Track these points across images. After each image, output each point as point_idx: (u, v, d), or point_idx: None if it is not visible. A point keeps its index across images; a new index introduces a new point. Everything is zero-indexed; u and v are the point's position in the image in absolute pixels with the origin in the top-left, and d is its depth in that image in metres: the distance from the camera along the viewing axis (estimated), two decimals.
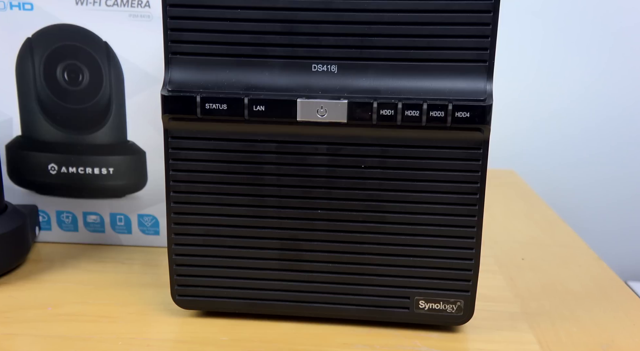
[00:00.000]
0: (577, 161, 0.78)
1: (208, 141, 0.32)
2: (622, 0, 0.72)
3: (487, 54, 0.30)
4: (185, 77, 0.31)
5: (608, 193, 0.78)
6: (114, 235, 0.46)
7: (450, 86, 0.31)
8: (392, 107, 0.30)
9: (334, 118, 0.31)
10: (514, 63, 0.75)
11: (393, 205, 0.32)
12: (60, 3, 0.41)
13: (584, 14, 0.73)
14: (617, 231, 0.79)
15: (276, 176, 0.32)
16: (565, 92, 0.76)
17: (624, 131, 0.77)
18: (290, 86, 0.31)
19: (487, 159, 0.31)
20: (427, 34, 0.30)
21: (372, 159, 0.32)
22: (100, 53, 0.42)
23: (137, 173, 0.44)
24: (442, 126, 0.30)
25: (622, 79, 0.75)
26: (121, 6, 0.41)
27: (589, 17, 0.73)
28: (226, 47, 0.31)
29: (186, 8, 0.31)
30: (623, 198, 0.78)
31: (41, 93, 0.43)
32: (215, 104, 0.31)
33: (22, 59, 0.42)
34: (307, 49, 0.31)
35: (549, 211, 0.59)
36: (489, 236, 0.50)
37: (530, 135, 0.78)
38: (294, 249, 0.33)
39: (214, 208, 0.33)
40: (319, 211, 0.32)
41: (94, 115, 0.43)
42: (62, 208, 0.45)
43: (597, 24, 0.74)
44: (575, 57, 0.75)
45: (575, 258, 0.47)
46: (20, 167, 0.45)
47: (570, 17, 0.74)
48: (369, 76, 0.31)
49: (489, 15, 0.30)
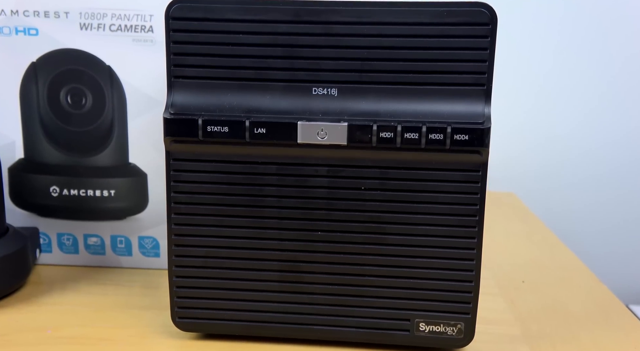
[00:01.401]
0: (576, 183, 0.78)
1: (209, 163, 0.32)
2: (624, 26, 0.73)
3: (485, 78, 0.31)
4: (187, 101, 0.32)
5: (608, 216, 0.78)
6: (115, 257, 0.46)
7: (449, 109, 0.31)
8: (391, 130, 0.31)
9: (334, 140, 0.31)
10: (514, 86, 0.76)
11: (393, 227, 0.32)
12: (65, 28, 0.42)
13: (585, 38, 0.74)
14: (617, 254, 0.79)
15: (277, 198, 0.32)
16: (565, 116, 0.77)
17: (624, 154, 0.77)
18: (291, 109, 0.31)
19: (486, 181, 0.32)
20: (425, 58, 0.31)
21: (372, 181, 0.32)
22: (104, 77, 0.42)
23: (139, 195, 0.44)
24: (441, 148, 0.31)
25: (623, 102, 0.76)
26: (125, 31, 0.41)
27: (590, 40, 0.74)
28: (228, 71, 0.32)
29: (189, 33, 0.31)
30: (623, 221, 0.78)
31: (44, 116, 0.43)
32: (216, 126, 0.31)
33: (26, 83, 0.43)
34: (307, 72, 0.31)
35: (548, 234, 0.59)
36: (489, 258, 0.50)
37: (530, 158, 0.78)
38: (294, 271, 0.33)
39: (214, 230, 0.33)
40: (319, 233, 0.33)
41: (96, 138, 0.43)
42: (63, 230, 0.45)
43: (597, 48, 0.75)
44: (575, 80, 0.76)
45: (575, 280, 0.47)
46: (22, 189, 0.45)
47: (571, 40, 0.75)
48: (368, 99, 0.31)
49: (487, 40, 0.30)
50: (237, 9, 0.31)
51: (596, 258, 0.75)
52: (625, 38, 0.74)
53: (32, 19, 0.42)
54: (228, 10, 0.31)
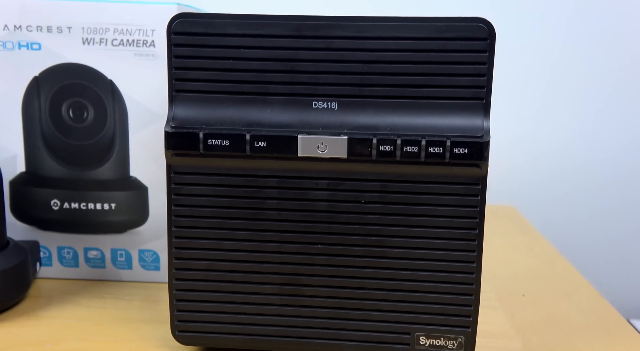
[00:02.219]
0: (575, 196, 0.78)
1: (210, 177, 0.32)
2: (622, 40, 0.74)
3: (484, 92, 0.31)
4: (188, 114, 0.32)
5: (607, 229, 0.79)
6: (115, 271, 0.46)
7: (448, 122, 0.31)
8: (391, 144, 0.31)
9: (334, 154, 0.31)
10: (514, 100, 0.76)
11: (393, 240, 0.32)
12: (68, 43, 0.42)
13: (583, 51, 0.75)
14: (616, 268, 0.79)
15: (277, 211, 0.33)
16: (564, 129, 0.77)
17: (623, 166, 0.77)
18: (291, 123, 0.32)
19: (486, 194, 0.32)
20: (425, 72, 0.31)
21: (371, 194, 0.32)
22: (106, 91, 0.43)
23: (139, 208, 0.44)
24: (440, 161, 0.31)
25: (621, 115, 0.76)
26: (127, 46, 0.42)
27: (588, 53, 0.75)
28: (229, 85, 0.32)
29: (190, 47, 0.32)
30: (622, 234, 0.78)
31: (46, 130, 0.43)
32: (217, 140, 0.31)
33: (28, 97, 0.43)
34: (307, 86, 0.31)
35: (548, 247, 0.59)
36: (489, 271, 0.50)
37: (529, 171, 0.78)
38: (294, 284, 0.33)
39: (215, 243, 0.33)
40: (319, 246, 0.33)
41: (97, 151, 0.43)
42: (64, 243, 0.46)
43: (595, 60, 0.75)
44: (574, 93, 0.76)
45: (576, 293, 0.47)
46: (23, 203, 0.45)
47: (569, 53, 0.75)
48: (368, 112, 0.31)
49: (485, 54, 0.31)
50: (238, 24, 0.31)
51: (595, 271, 0.75)
52: (624, 51, 0.75)
53: (35, 34, 0.42)
54: (229, 25, 0.31)
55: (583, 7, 0.74)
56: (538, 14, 0.74)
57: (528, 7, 0.74)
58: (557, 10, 0.74)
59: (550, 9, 0.74)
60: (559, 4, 0.74)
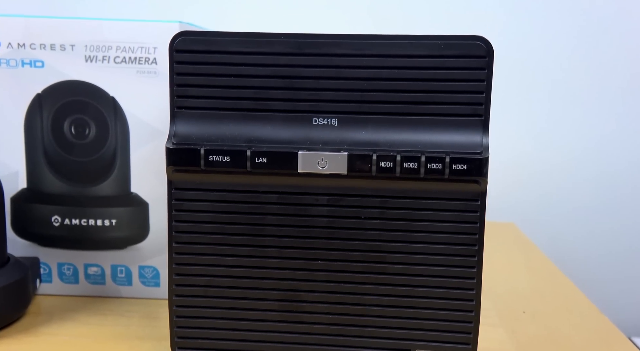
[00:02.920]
0: (576, 213, 0.78)
1: (211, 192, 0.33)
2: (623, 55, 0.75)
3: (483, 108, 0.31)
4: (189, 131, 0.32)
5: (608, 246, 0.78)
6: (114, 287, 0.46)
7: (447, 139, 0.31)
8: (391, 160, 0.31)
9: (334, 170, 0.31)
10: (514, 117, 0.77)
11: (393, 256, 0.32)
12: (71, 60, 0.43)
13: (585, 69, 0.75)
14: (617, 285, 0.78)
15: (277, 227, 0.33)
16: (565, 146, 0.77)
17: (624, 183, 0.77)
18: (291, 139, 0.32)
19: (485, 210, 0.32)
20: (424, 89, 0.31)
21: (371, 210, 0.32)
22: (108, 108, 0.43)
23: (140, 224, 0.44)
24: (440, 177, 0.31)
25: (622, 132, 0.76)
26: (129, 63, 0.42)
27: (589, 72, 0.75)
28: (230, 102, 0.32)
29: (192, 65, 0.32)
30: (624, 251, 0.78)
31: (48, 146, 0.44)
32: (218, 156, 0.32)
33: (31, 113, 0.43)
34: (308, 103, 0.32)
35: (549, 264, 0.59)
36: (489, 288, 0.50)
37: (530, 188, 0.79)
38: (294, 300, 0.33)
39: (215, 259, 0.33)
40: (319, 262, 0.33)
41: (98, 167, 0.44)
42: (64, 260, 0.46)
43: (596, 77, 0.76)
44: (575, 111, 0.76)
45: (576, 310, 0.47)
46: (24, 219, 0.45)
47: (571, 72, 0.76)
48: (368, 129, 0.32)
49: (483, 72, 0.31)
50: (239, 42, 0.32)
51: (597, 287, 0.75)
52: (624, 68, 0.75)
53: (38, 52, 0.43)
54: (230, 42, 0.32)
55: (584, 23, 0.75)
56: (538, 30, 0.75)
57: (528, 24, 0.75)
58: (558, 27, 0.75)
59: (550, 25, 0.75)
60: (559, 21, 0.75)
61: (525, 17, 0.75)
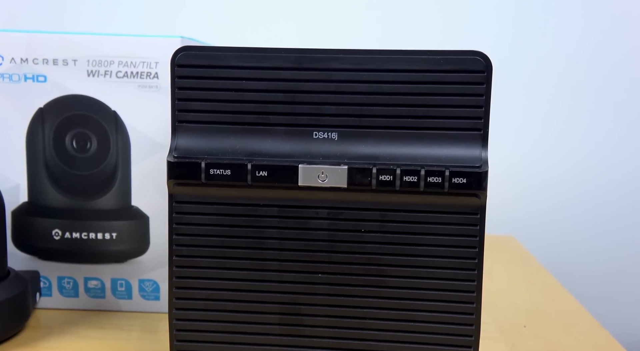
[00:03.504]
0: (577, 227, 0.78)
1: (211, 206, 0.33)
2: (623, 69, 0.75)
3: (482, 123, 0.32)
4: (190, 144, 0.33)
5: (609, 261, 0.78)
6: (114, 301, 0.46)
7: (447, 153, 0.32)
8: (391, 173, 0.31)
9: (335, 183, 0.31)
10: (514, 130, 0.77)
11: (393, 269, 0.32)
12: (73, 75, 0.43)
13: (584, 81, 0.76)
14: (618, 300, 0.78)
15: (277, 240, 0.33)
16: (565, 160, 0.78)
17: (625, 197, 0.77)
18: (292, 153, 0.32)
19: (485, 224, 0.32)
20: (423, 103, 0.32)
21: (371, 223, 0.32)
22: (109, 122, 0.43)
23: (140, 238, 0.44)
24: (439, 191, 0.31)
25: (622, 147, 0.77)
26: (131, 77, 0.43)
27: (589, 83, 0.76)
28: (231, 116, 0.32)
29: (193, 79, 0.32)
30: (624, 266, 0.78)
31: (49, 160, 0.44)
32: (219, 169, 0.32)
33: (33, 127, 0.44)
34: (308, 117, 0.32)
35: (549, 278, 0.59)
36: (490, 303, 0.50)
37: (531, 202, 0.79)
38: (294, 314, 0.33)
39: (215, 272, 0.33)
40: (319, 275, 0.33)
41: (99, 181, 0.44)
42: (64, 273, 0.46)
43: (597, 91, 0.76)
44: (576, 124, 0.77)
45: (577, 325, 0.47)
46: (24, 233, 0.45)
47: (570, 84, 0.76)
48: (368, 143, 0.32)
49: (482, 86, 0.31)
50: (240, 57, 0.32)
51: (598, 302, 0.74)
52: (626, 81, 0.75)
53: (41, 67, 0.43)
54: (231, 57, 0.32)
55: (583, 37, 0.75)
56: (539, 43, 0.76)
57: (527, 39, 0.76)
58: (559, 39, 0.75)
59: (551, 38, 0.75)
60: (559, 33, 0.75)
61: (526, 30, 0.76)
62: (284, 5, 0.77)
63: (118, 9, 0.77)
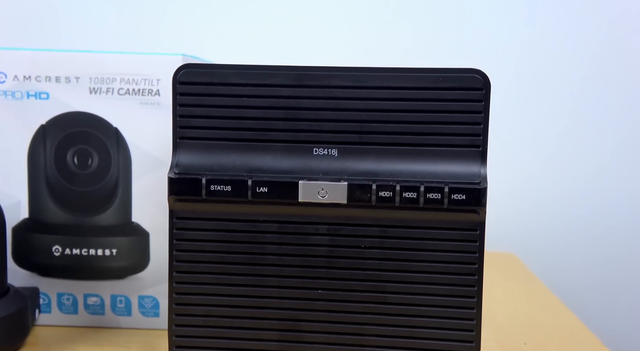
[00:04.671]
0: (577, 244, 0.78)
1: (212, 222, 0.33)
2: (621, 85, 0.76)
3: (480, 139, 0.32)
4: (191, 161, 0.33)
5: (609, 278, 0.78)
6: (114, 317, 0.46)
7: (446, 169, 0.32)
8: (390, 189, 0.31)
9: (334, 199, 0.32)
10: (514, 147, 0.77)
11: (393, 285, 0.32)
12: (75, 92, 0.43)
13: (585, 97, 0.76)
14: (618, 316, 0.78)
15: (277, 256, 0.33)
16: (565, 177, 0.78)
17: (624, 214, 0.77)
18: (292, 169, 0.32)
19: (484, 240, 0.32)
20: (422, 120, 0.32)
21: (371, 240, 0.32)
22: (111, 138, 0.43)
23: (140, 254, 0.44)
24: (439, 207, 0.31)
25: (622, 164, 0.77)
26: (132, 94, 0.43)
27: (590, 100, 0.76)
28: (231, 132, 0.33)
29: (195, 96, 0.33)
30: (625, 283, 0.78)
31: (50, 176, 0.44)
32: (219, 185, 0.32)
33: (34, 144, 0.44)
34: (308, 133, 0.32)
35: (549, 295, 0.59)
36: (490, 319, 0.50)
37: (530, 218, 0.79)
38: (294, 330, 0.33)
39: (215, 288, 0.33)
40: (319, 291, 0.33)
41: (100, 197, 0.44)
42: (63, 290, 0.45)
43: (599, 108, 0.76)
44: (575, 140, 0.77)
45: (577, 342, 0.46)
46: (24, 249, 0.45)
47: (570, 100, 0.76)
48: (368, 159, 0.32)
49: (481, 104, 0.32)
50: (241, 74, 0.32)
51: (598, 318, 0.74)
52: (625, 101, 0.76)
53: (43, 84, 0.43)
54: (232, 75, 0.32)
55: (582, 55, 0.76)
56: (538, 61, 0.76)
57: (527, 56, 0.76)
58: (557, 58, 0.76)
59: (549, 57, 0.76)
60: (557, 53, 0.76)
61: (525, 47, 0.76)
62: (285, 23, 0.77)
63: (120, 27, 0.78)
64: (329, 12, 0.77)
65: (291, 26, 0.77)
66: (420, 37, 0.77)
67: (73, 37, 0.78)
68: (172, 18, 0.78)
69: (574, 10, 0.75)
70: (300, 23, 0.78)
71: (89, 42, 0.78)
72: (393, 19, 0.77)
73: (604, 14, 0.75)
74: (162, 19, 0.78)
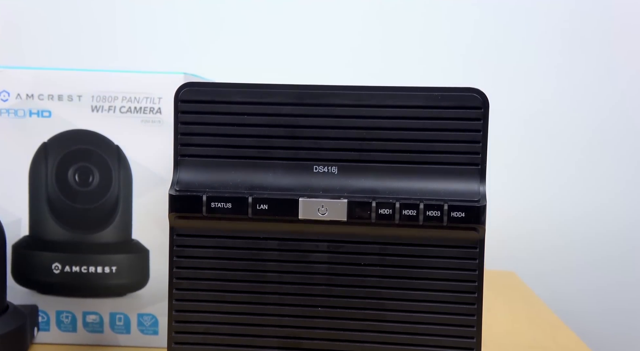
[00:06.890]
0: (578, 263, 0.78)
1: (212, 239, 0.33)
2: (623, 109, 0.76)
3: (479, 158, 0.32)
4: (192, 178, 0.33)
5: (611, 298, 0.78)
6: (113, 335, 0.45)
7: (445, 187, 0.32)
8: (390, 207, 0.31)
9: (334, 216, 0.32)
10: (515, 167, 0.77)
11: (392, 303, 0.32)
12: (77, 110, 0.44)
13: (588, 119, 0.77)
14: (620, 337, 0.77)
15: (277, 273, 0.33)
16: (566, 197, 0.78)
17: (627, 235, 0.77)
18: (292, 186, 0.32)
19: (484, 258, 0.32)
20: (422, 138, 0.32)
21: (371, 257, 0.32)
22: (112, 156, 0.44)
23: (140, 272, 0.44)
24: (438, 225, 0.31)
25: (627, 189, 0.77)
26: (134, 112, 0.43)
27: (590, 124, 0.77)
28: (232, 150, 0.33)
29: (196, 114, 0.33)
30: (626, 303, 0.78)
31: (51, 194, 0.44)
32: (220, 203, 0.32)
33: (36, 162, 0.44)
34: (309, 151, 0.33)
35: (550, 315, 0.58)
36: (491, 339, 0.50)
37: (532, 238, 0.79)
38: (294, 348, 0.33)
39: (215, 306, 0.33)
40: (319, 309, 0.33)
41: (101, 215, 0.44)
42: (62, 307, 0.45)
43: (600, 131, 0.77)
44: (578, 164, 0.77)
45: None
46: (24, 267, 0.45)
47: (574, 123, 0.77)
48: (367, 177, 0.32)
49: (479, 122, 0.32)
50: (242, 92, 0.33)
51: (599, 340, 0.73)
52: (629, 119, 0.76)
53: (46, 102, 0.44)
54: (234, 93, 0.33)
55: (583, 72, 0.76)
56: (539, 82, 0.77)
57: (527, 75, 0.77)
58: (559, 79, 0.77)
59: (550, 77, 0.77)
60: (558, 75, 0.77)
61: (526, 67, 0.77)
62: (286, 42, 0.78)
63: (122, 46, 0.79)
64: (330, 30, 0.78)
65: (293, 44, 0.78)
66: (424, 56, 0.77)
67: (79, 56, 0.79)
68: (174, 37, 0.79)
69: (574, 24, 0.76)
70: (302, 41, 0.78)
71: (91, 61, 0.78)
72: (394, 35, 0.77)
73: (606, 17, 0.76)
74: (163, 38, 0.79)
